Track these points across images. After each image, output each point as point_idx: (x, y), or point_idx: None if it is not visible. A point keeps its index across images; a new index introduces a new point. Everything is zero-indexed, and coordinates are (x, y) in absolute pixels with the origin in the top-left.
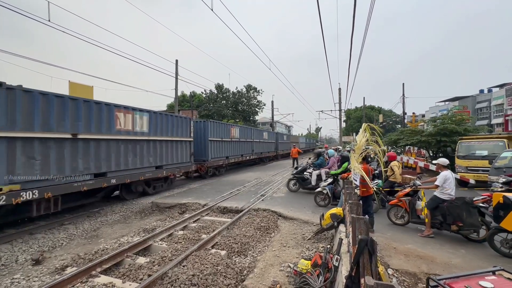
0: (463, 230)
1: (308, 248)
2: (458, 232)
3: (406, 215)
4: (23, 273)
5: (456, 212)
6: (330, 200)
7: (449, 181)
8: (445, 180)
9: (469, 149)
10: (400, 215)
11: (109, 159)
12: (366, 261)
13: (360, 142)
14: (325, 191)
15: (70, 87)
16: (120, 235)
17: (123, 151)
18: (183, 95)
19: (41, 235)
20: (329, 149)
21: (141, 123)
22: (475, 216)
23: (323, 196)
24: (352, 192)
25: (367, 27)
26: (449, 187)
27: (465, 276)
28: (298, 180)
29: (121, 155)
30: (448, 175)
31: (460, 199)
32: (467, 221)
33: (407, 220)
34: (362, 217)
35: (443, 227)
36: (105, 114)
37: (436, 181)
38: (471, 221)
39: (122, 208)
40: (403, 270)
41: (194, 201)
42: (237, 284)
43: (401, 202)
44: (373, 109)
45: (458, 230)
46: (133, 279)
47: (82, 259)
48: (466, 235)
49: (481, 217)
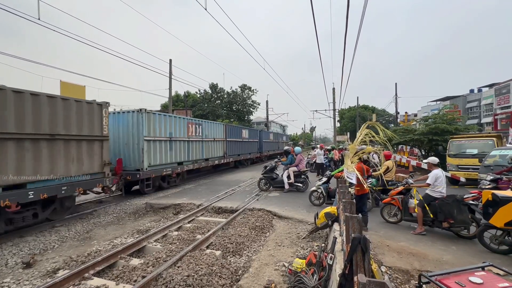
0: (454, 227)
1: (303, 247)
2: (449, 229)
3: (399, 213)
4: (13, 277)
5: (447, 209)
6: (324, 199)
7: (440, 179)
8: (436, 179)
9: (460, 147)
10: (393, 213)
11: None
12: (359, 259)
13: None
14: (320, 190)
15: (61, 86)
16: (114, 236)
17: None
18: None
19: (32, 238)
20: (296, 147)
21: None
22: (466, 213)
23: (317, 195)
24: (345, 191)
25: (360, 26)
26: (440, 185)
27: (456, 272)
28: (267, 179)
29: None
30: (439, 173)
31: (451, 197)
32: (458, 218)
33: (400, 218)
34: (356, 216)
35: (434, 224)
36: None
37: (428, 179)
38: (462, 218)
39: (115, 209)
40: (396, 267)
41: (189, 201)
42: (232, 284)
43: (394, 200)
44: (366, 108)
45: (449, 227)
46: (127, 280)
47: (74, 262)
48: (457, 232)
49: (471, 214)
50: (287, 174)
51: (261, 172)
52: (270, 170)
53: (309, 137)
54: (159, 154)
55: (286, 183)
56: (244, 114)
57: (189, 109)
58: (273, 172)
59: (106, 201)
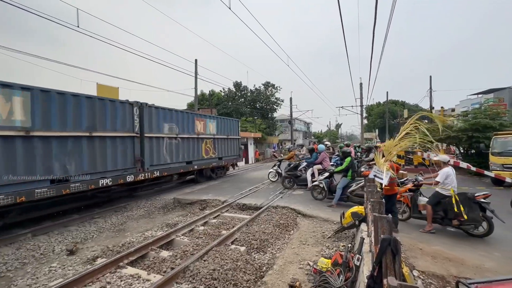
0: (464, 225)
1: (328, 247)
2: (459, 227)
3: (407, 211)
4: (59, 262)
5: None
6: (326, 194)
7: (450, 177)
8: (447, 177)
9: (506, 145)
10: (401, 210)
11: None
12: (389, 261)
13: (399, 136)
14: (322, 185)
15: (98, 88)
16: (145, 229)
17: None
18: (202, 94)
19: (74, 228)
20: (320, 144)
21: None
22: (477, 212)
23: (319, 190)
24: (374, 190)
25: (390, 17)
26: (450, 184)
27: (500, 281)
28: (292, 177)
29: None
30: (449, 171)
31: (461, 195)
32: (469, 216)
33: (408, 216)
34: (385, 216)
35: (444, 222)
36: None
37: (437, 177)
38: (473, 216)
39: (146, 204)
40: (430, 272)
41: (214, 197)
42: (257, 280)
43: (403, 197)
44: (396, 103)
45: (460, 225)
46: (157, 271)
47: (110, 251)
48: (467, 230)
49: (482, 213)
50: (311, 172)
51: (285, 170)
52: (294, 168)
53: (335, 134)
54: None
55: (309, 182)
56: (267, 111)
57: (214, 108)
58: (296, 170)
59: (137, 195)
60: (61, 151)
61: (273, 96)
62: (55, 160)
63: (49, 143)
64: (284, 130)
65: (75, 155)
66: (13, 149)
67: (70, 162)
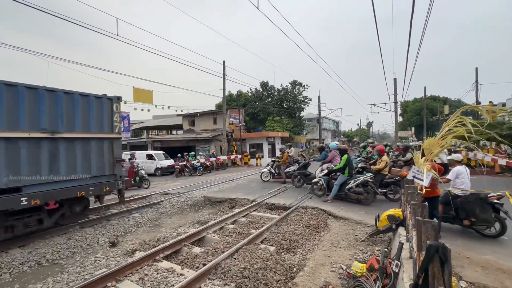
0: (476, 225)
1: (362, 251)
2: (471, 227)
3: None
4: (103, 253)
5: (469, 207)
6: (325, 191)
7: (462, 176)
8: (458, 175)
9: None
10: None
11: None
12: (437, 270)
13: (440, 133)
14: (321, 182)
15: (134, 92)
16: (178, 225)
17: None
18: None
19: (115, 222)
20: (331, 143)
21: None
22: (489, 212)
23: (319, 187)
24: (414, 192)
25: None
26: (462, 183)
27: None
28: (301, 175)
29: None
30: (461, 170)
31: (474, 195)
32: (481, 216)
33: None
34: (430, 220)
35: (455, 221)
36: None
37: (448, 175)
38: (485, 217)
39: (178, 201)
40: (481, 284)
41: (243, 196)
42: (287, 281)
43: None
44: (436, 99)
45: (471, 225)
46: (190, 266)
47: (147, 245)
48: (479, 230)
49: (495, 214)
50: (320, 170)
51: (296, 169)
52: (304, 167)
53: (366, 133)
54: None
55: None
56: (295, 110)
57: (241, 108)
58: (306, 169)
59: (170, 193)
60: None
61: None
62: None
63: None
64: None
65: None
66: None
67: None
